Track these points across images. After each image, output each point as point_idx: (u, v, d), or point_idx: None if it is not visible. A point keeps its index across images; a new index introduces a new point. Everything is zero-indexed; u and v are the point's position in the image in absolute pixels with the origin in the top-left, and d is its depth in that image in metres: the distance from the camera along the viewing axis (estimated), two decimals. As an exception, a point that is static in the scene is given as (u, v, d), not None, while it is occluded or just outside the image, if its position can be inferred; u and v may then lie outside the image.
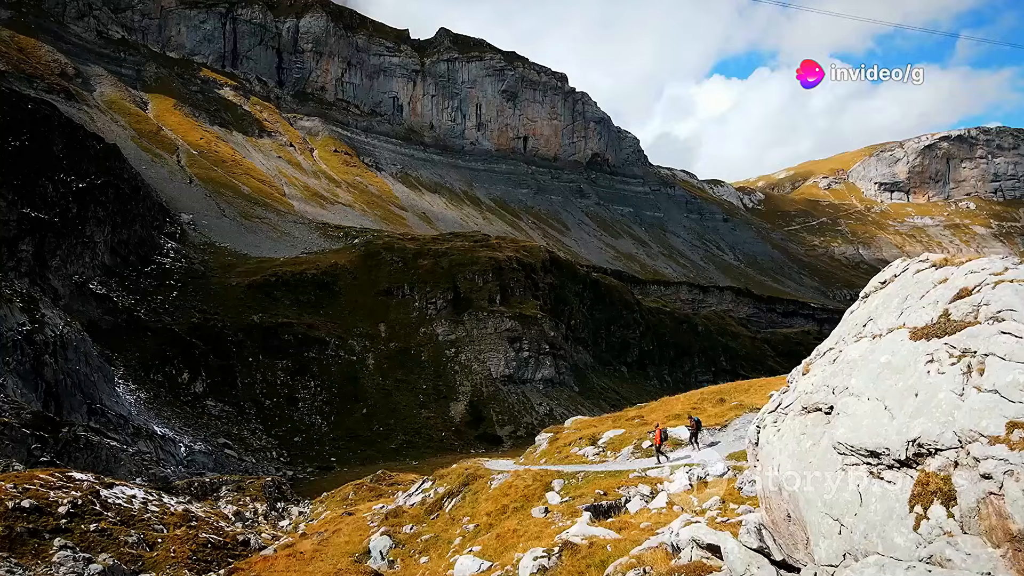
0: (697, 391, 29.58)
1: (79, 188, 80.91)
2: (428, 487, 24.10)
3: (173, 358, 75.32)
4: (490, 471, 23.28)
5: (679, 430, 23.76)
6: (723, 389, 28.40)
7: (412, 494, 24.71)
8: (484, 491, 21.19)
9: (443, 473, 25.00)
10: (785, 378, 31.02)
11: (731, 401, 25.64)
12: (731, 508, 14.83)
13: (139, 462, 42.11)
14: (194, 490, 38.16)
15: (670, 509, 16.36)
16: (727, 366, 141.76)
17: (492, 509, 19.48)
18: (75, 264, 77.41)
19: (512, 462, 27.43)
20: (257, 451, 70.56)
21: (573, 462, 24.21)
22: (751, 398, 25.82)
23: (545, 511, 18.45)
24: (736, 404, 24.76)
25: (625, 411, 29.07)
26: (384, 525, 21.98)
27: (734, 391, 27.87)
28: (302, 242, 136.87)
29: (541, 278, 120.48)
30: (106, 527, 22.11)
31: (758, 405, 23.34)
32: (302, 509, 42.09)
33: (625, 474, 20.37)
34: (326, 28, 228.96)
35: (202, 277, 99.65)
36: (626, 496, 18.55)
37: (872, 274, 13.08)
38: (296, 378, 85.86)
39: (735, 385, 29.47)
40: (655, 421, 25.23)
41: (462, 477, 22.94)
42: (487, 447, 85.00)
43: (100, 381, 52.87)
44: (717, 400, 26.50)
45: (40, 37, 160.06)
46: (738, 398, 26.08)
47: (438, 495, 22.74)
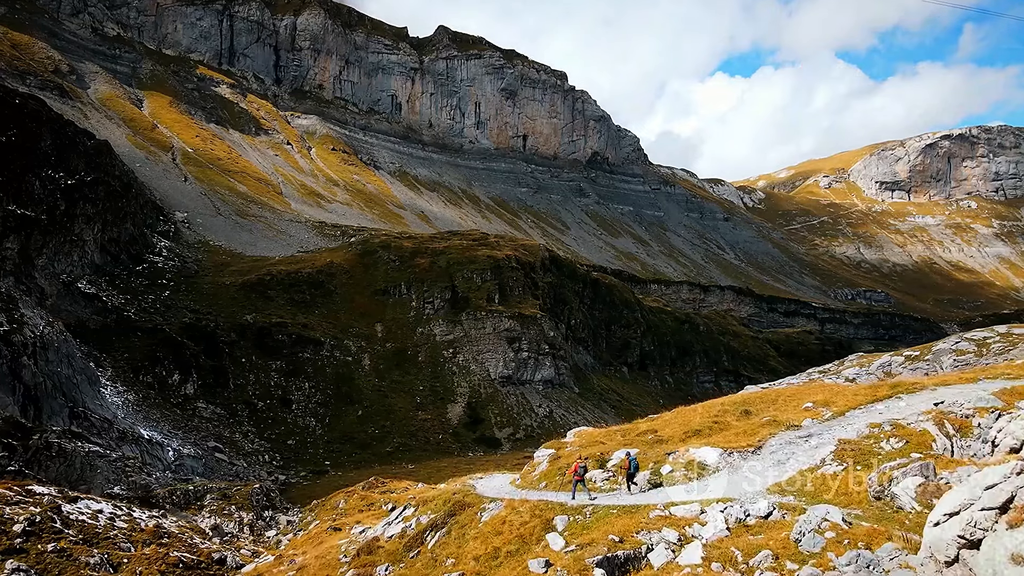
0: (717, 400, 26.07)
1: (68, 185, 79.03)
2: (410, 514, 21.57)
3: (163, 359, 73.43)
4: (481, 497, 20.67)
5: (703, 452, 19.80)
6: (747, 399, 25.31)
7: (392, 522, 22.38)
8: (473, 525, 18.63)
9: (427, 497, 22.52)
10: (817, 386, 26.59)
11: (760, 415, 22.59)
12: (788, 568, 12.42)
13: (120, 469, 40.25)
14: (176, 499, 36.30)
15: (707, 567, 13.39)
16: (729, 366, 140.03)
17: (481, 552, 16.93)
18: (63, 263, 75.53)
19: (508, 480, 24.77)
20: (249, 455, 68.69)
21: (581, 490, 20.51)
22: (783, 412, 22.52)
23: (546, 565, 15.36)
24: (768, 420, 21.58)
25: (635, 424, 25.66)
26: (355, 567, 19.47)
27: (759, 402, 24.62)
28: (298, 241, 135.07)
29: (540, 277, 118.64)
30: (66, 547, 20.31)
31: (795, 422, 21.11)
32: (290, 518, 40.30)
33: (643, 510, 16.96)
34: (324, 25, 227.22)
35: (195, 276, 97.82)
36: (647, 543, 15.28)
37: (873, 273, 11.17)
38: (290, 379, 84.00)
39: (760, 394, 26.46)
40: (671, 437, 22.32)
41: (449, 504, 20.25)
42: (485, 450, 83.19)
43: (84, 383, 51.03)
44: (741, 412, 23.26)
45: (34, 34, 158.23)
46: (767, 411, 23.01)
47: (420, 526, 20.22)
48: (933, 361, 41.33)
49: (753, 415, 22.97)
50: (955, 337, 43.07)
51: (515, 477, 24.45)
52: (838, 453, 17.90)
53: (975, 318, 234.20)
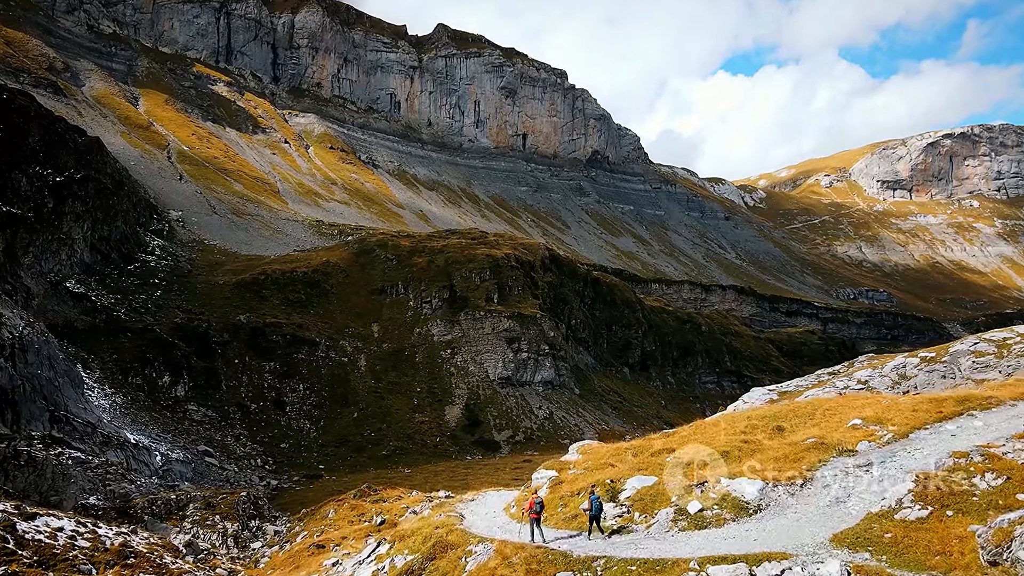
0: (742, 413, 21.94)
1: (56, 182, 77.17)
2: (384, 552, 18.86)
3: (154, 360, 71.57)
4: (467, 535, 17.52)
5: (740, 485, 15.57)
6: (777, 413, 21.04)
7: (364, 560, 20.09)
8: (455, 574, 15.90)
9: (404, 533, 19.73)
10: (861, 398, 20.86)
11: (796, 432, 18.61)
12: None
13: (99, 477, 38.43)
14: (156, 509, 34.48)
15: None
16: (731, 366, 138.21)
17: (462, 626, 14.11)
18: (51, 261, 73.68)
19: (503, 503, 21.85)
20: (240, 459, 66.84)
21: (586, 528, 17.36)
22: (827, 430, 18.53)
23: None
24: (814, 441, 17.35)
25: (649, 440, 21.75)
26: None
27: (793, 416, 20.36)
28: (295, 240, 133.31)
29: (540, 276, 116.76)
30: (18, 570, 18.54)
31: (847, 445, 16.91)
32: (278, 528, 38.50)
33: (672, 568, 13.21)
34: (322, 23, 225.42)
35: (188, 275, 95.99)
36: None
37: (875, 273, 8.66)
38: (284, 381, 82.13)
39: (792, 407, 21.83)
40: (695, 462, 17.87)
41: (429, 543, 17.47)
42: (483, 453, 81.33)
43: (66, 386, 49.18)
44: (773, 429, 19.10)
45: (28, 31, 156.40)
46: (804, 428, 18.96)
47: (395, 570, 17.69)
48: (951, 363, 39.52)
49: (788, 432, 19.19)
50: (973, 338, 41.21)
51: (511, 499, 21.85)
52: (919, 493, 14.18)
53: (978, 318, 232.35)
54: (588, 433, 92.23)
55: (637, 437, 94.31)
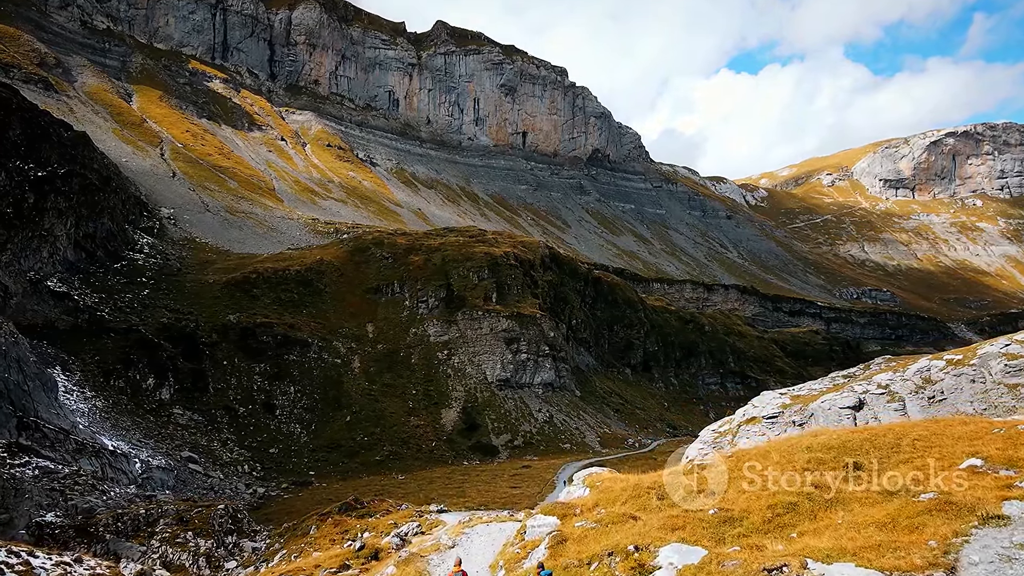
0: (794, 438, 16.50)
1: (38, 177, 74.40)
2: None
3: (138, 362, 68.82)
4: None
5: (839, 574, 8.99)
6: (845, 443, 14.49)
7: None
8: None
9: None
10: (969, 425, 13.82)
11: (884, 474, 12.41)
12: None
13: (63, 489, 35.73)
14: (121, 526, 31.73)
15: None
16: (735, 367, 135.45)
17: None
18: (31, 259, 70.94)
19: (493, 550, 17.40)
20: (227, 465, 64.08)
21: None
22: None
23: None
24: (932, 498, 11.19)
25: (676, 476, 16.23)
26: None
27: (870, 448, 13.87)
28: (290, 238, 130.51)
29: (540, 275, 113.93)
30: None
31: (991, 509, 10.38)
32: (257, 545, 35.72)
33: None
34: (320, 20, 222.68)
35: (177, 274, 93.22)
36: None
37: (878, 272, 6.16)
38: (274, 383, 79.35)
39: (864, 434, 14.89)
40: (748, 515, 12.44)
41: None
42: (481, 458, 78.53)
43: (37, 390, 46.44)
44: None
45: (20, 26, 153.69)
46: (896, 469, 12.56)
47: None
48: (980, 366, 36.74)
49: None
50: (1004, 339, 38.34)
51: (503, 540, 17.90)
52: None
53: (982, 317, 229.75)
54: (589, 437, 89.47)
55: (640, 439, 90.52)
